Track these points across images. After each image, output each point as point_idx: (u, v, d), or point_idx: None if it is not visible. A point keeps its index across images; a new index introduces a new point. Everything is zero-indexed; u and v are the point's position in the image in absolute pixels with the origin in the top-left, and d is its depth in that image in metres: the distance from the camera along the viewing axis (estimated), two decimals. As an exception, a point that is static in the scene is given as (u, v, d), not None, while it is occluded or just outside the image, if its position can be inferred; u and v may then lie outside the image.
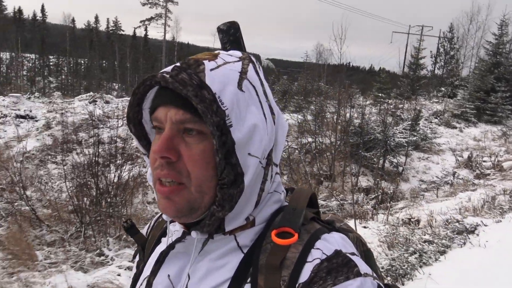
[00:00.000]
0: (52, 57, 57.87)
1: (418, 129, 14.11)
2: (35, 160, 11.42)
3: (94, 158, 7.44)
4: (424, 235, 5.13)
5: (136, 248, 0.91)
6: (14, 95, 19.00)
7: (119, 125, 12.51)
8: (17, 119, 14.83)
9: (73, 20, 66.11)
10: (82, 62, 62.86)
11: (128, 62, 58.83)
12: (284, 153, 11.32)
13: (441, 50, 32.95)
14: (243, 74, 0.67)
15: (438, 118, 18.73)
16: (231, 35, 0.78)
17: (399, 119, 14.74)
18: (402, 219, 6.55)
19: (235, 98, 0.63)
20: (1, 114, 14.98)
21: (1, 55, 46.93)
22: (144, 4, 45.91)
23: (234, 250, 0.68)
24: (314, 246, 0.64)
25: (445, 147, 14.65)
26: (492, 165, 12.15)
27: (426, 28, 39.95)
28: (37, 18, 62.43)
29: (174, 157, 0.63)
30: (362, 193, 9.45)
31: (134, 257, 0.92)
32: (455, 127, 17.72)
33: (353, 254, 0.64)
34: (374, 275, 0.63)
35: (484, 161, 12.71)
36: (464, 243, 4.66)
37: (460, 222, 5.51)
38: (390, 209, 7.33)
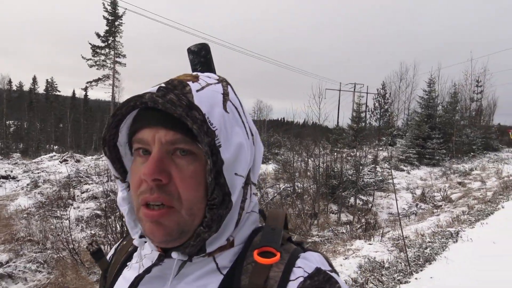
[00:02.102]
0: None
1: (376, 171, 16.33)
2: (35, 216, 11.89)
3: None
4: (425, 240, 6.80)
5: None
6: (-19, 158, 19.03)
7: (105, 180, 13.45)
8: (0, 180, 15.10)
9: (9, 82, 64.57)
10: (11, 124, 60.96)
11: (69, 123, 58.16)
12: (266, 198, 12.89)
13: (376, 104, 36.93)
14: (225, 95, 0.67)
15: (387, 162, 21.28)
16: (202, 56, 0.77)
17: (359, 164, 16.93)
18: (394, 237, 8.21)
19: (222, 119, 0.63)
20: (-19, 175, 15.14)
21: None
22: (91, 66, 46.69)
23: (212, 272, 0.66)
24: (295, 264, 0.64)
25: (399, 187, 16.93)
26: (442, 198, 14.44)
27: (358, 85, 44.69)
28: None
29: (166, 179, 0.61)
30: (347, 225, 11.08)
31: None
32: (403, 170, 20.30)
33: (331, 271, 0.65)
34: None
35: (435, 196, 14.99)
36: (457, 240, 6.42)
37: (444, 231, 7.29)
38: (380, 232, 8.98)
